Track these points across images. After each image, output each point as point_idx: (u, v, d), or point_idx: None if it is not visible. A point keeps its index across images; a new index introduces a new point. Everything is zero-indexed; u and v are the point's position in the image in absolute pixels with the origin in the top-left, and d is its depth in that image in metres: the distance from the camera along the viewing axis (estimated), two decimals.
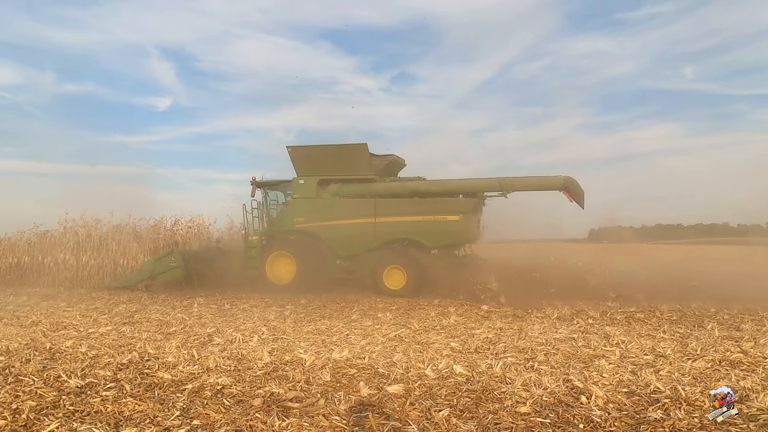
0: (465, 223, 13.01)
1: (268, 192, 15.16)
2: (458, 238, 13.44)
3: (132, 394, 4.81)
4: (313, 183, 13.98)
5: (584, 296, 11.50)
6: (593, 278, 13.12)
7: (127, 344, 7.02)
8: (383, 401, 4.63)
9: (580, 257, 16.86)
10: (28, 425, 4.07)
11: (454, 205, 13.14)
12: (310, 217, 14.01)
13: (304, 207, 14.13)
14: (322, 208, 13.96)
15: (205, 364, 5.93)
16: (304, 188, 14.12)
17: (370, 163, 13.84)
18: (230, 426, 4.04)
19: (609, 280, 13.01)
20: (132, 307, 10.48)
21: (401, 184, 14.05)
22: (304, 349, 6.65)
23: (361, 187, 13.91)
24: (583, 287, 12.31)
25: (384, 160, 14.51)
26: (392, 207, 13.44)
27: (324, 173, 14.04)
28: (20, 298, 11.86)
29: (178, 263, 14.53)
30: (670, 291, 11.62)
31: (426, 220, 13.11)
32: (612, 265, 15.11)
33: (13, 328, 8.22)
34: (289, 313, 9.68)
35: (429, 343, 7.06)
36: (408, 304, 10.96)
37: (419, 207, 13.25)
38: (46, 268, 17.32)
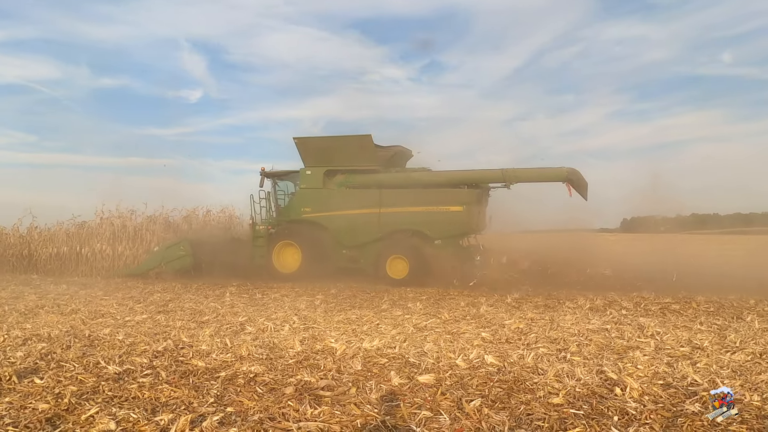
0: (468, 214, 13.10)
1: (277, 182, 15.35)
2: (461, 229, 13.52)
3: (167, 381, 4.91)
4: (319, 174, 14.21)
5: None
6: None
7: (162, 332, 7.17)
8: (414, 391, 4.64)
9: (593, 247, 16.66)
10: (69, 409, 4.19)
11: (457, 196, 13.21)
12: (317, 207, 14.25)
13: (311, 197, 14.36)
14: (328, 198, 14.16)
15: (237, 352, 6.02)
16: (310, 179, 14.34)
17: (375, 154, 13.93)
18: (263, 413, 4.10)
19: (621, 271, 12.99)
20: (166, 296, 10.69)
21: (406, 175, 14.29)
22: (334, 338, 6.70)
23: (366, 178, 14.07)
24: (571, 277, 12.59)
25: (389, 151, 14.63)
26: (396, 198, 13.58)
27: (330, 164, 14.22)
28: (60, 287, 12.20)
29: (186, 252, 15.10)
30: (701, 282, 11.41)
31: (429, 211, 13.25)
32: (625, 253, 14.97)
33: (54, 315, 8.46)
34: (319, 303, 9.75)
35: (459, 332, 7.03)
36: (438, 293, 10.94)
37: (423, 198, 13.38)
38: (83, 257, 17.78)
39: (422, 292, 11.12)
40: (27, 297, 10.48)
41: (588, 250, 15.58)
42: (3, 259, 18.52)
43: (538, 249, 15.13)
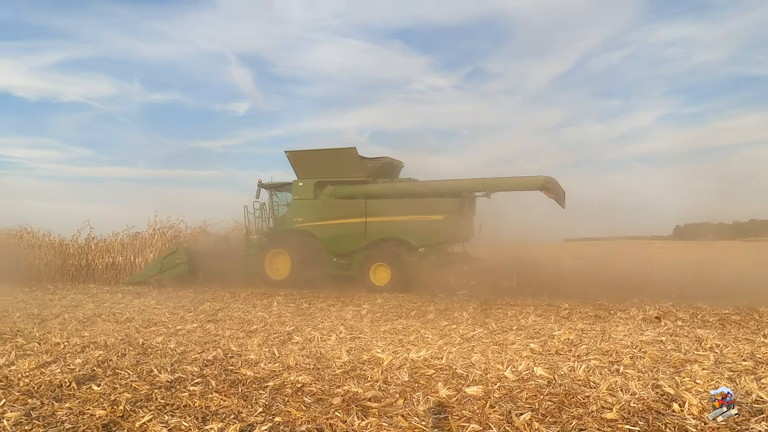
0: (449, 222, 13.54)
1: (276, 193, 16.19)
2: (443, 237, 13.91)
3: (217, 390, 4.99)
4: (310, 185, 14.94)
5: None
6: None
7: (211, 341, 7.30)
8: (462, 403, 4.57)
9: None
10: (125, 416, 4.31)
11: (438, 205, 13.66)
12: (308, 217, 14.97)
13: (303, 207, 15.09)
14: (319, 208, 14.89)
15: (285, 362, 6.07)
16: (302, 190, 15.10)
17: (361, 166, 14.54)
18: (311, 424, 4.11)
19: (649, 279, 12.65)
20: (216, 305, 10.90)
21: (391, 185, 14.79)
22: (381, 349, 6.68)
23: (353, 189, 14.66)
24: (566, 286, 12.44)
25: (376, 162, 15.22)
26: (382, 207, 14.19)
27: (320, 176, 14.93)
28: (115, 296, 12.62)
29: (182, 260, 16.04)
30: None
31: (412, 220, 13.79)
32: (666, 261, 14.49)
33: (110, 324, 8.74)
34: (365, 313, 9.76)
35: (507, 343, 6.91)
36: (484, 303, 10.79)
37: (406, 207, 13.98)
38: (137, 267, 18.39)
39: (468, 302, 10.99)
40: (85, 306, 10.87)
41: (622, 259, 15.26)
42: (64, 269, 19.36)
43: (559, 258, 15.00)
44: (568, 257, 14.67)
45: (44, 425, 4.11)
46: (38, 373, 5.57)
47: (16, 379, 5.39)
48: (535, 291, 12.15)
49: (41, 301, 11.69)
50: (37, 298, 12.11)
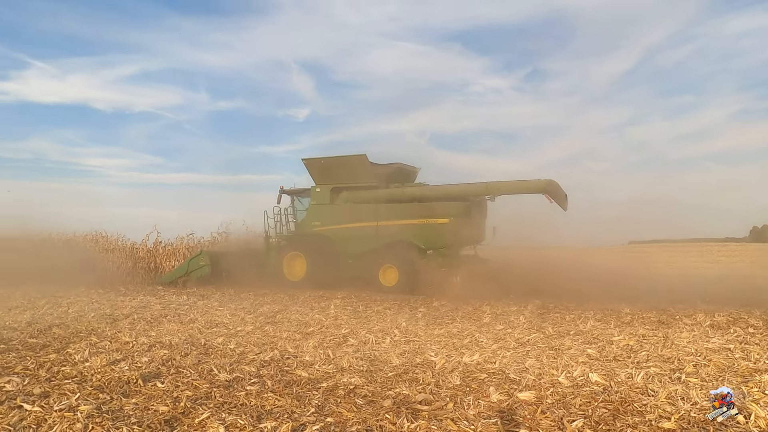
0: (455, 225, 13.97)
1: (299, 199, 16.99)
2: (449, 240, 14.26)
3: (273, 390, 5.14)
4: (326, 191, 15.73)
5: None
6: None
7: (269, 342, 7.51)
8: (513, 408, 4.53)
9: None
10: (185, 413, 4.51)
11: (444, 209, 14.15)
12: (325, 221, 15.76)
13: (320, 212, 15.91)
14: (334, 213, 15.66)
15: (339, 363, 6.18)
16: (319, 195, 15.89)
17: (372, 172, 15.19)
18: (361, 425, 4.18)
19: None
20: (275, 307, 11.18)
21: (401, 190, 15.34)
22: (434, 352, 6.69)
23: (366, 194, 15.33)
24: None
25: (388, 168, 15.83)
26: (392, 211, 14.83)
27: (335, 182, 15.67)
28: (181, 298, 13.12)
29: (206, 262, 16.88)
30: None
31: (420, 223, 14.36)
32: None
33: (175, 324, 9.12)
34: (421, 316, 9.78)
35: (563, 348, 6.78)
36: (542, 307, 10.60)
37: (414, 211, 14.58)
38: None
39: (525, 305, 10.82)
40: (153, 307, 11.38)
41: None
42: (134, 272, 20.31)
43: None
44: (624, 260, 14.18)
45: (113, 419, 4.35)
46: (109, 370, 5.89)
47: (90, 374, 5.73)
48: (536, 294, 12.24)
49: (113, 302, 12.31)
50: (110, 299, 12.75)
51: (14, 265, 17.63)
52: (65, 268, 18.74)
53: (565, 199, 13.56)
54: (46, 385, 5.34)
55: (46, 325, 9.03)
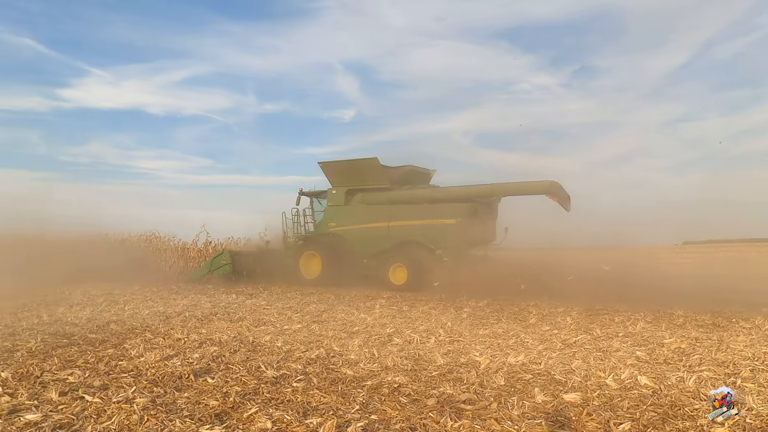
0: (462, 226, 14.44)
1: (314, 200, 17.81)
2: (456, 240, 14.62)
3: (318, 387, 5.23)
4: (342, 192, 16.42)
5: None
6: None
7: (315, 341, 7.64)
8: (558, 409, 4.48)
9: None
10: (234, 407, 4.65)
11: (451, 210, 14.68)
12: (340, 221, 16.51)
13: (336, 213, 16.66)
14: (349, 214, 16.34)
15: (384, 362, 6.24)
16: (335, 197, 16.63)
17: (383, 174, 15.83)
18: (405, 423, 4.22)
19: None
20: (321, 307, 11.34)
21: (411, 192, 15.93)
22: (479, 352, 6.68)
23: (378, 196, 16.01)
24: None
25: (399, 171, 16.43)
26: (402, 212, 15.46)
27: (350, 184, 16.37)
28: (230, 296, 13.46)
29: (227, 261, 17.82)
30: None
31: (429, 224, 14.90)
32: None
33: (224, 322, 9.37)
34: (466, 316, 9.75)
35: (611, 350, 6.65)
36: (589, 309, 10.41)
37: (424, 212, 15.13)
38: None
39: (572, 306, 10.64)
40: (203, 305, 11.72)
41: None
42: (186, 271, 20.97)
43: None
44: (679, 260, 13.75)
45: (166, 411, 4.53)
46: (162, 365, 6.12)
47: (144, 369, 5.96)
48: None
49: (166, 300, 12.73)
50: (163, 298, 13.19)
51: (75, 264, 18.46)
52: (121, 267, 19.51)
53: (569, 200, 13.92)
54: (104, 378, 5.60)
55: (104, 321, 9.44)
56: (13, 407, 4.60)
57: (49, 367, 6.03)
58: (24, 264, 18.38)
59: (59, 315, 10.21)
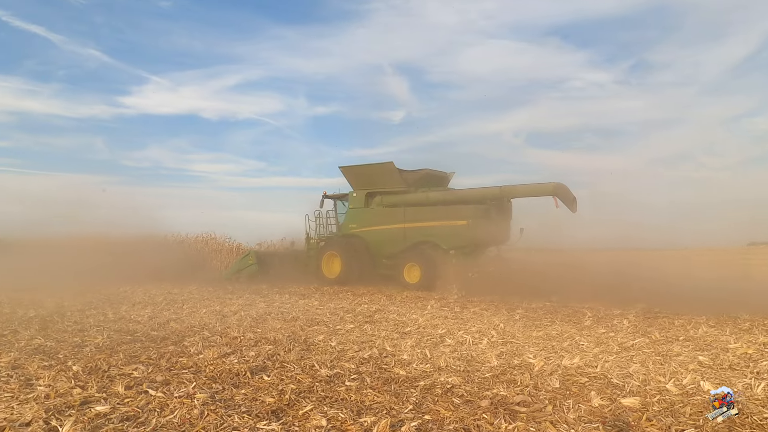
0: (473, 227, 14.91)
1: (338, 203, 18.54)
2: (467, 240, 15.22)
3: (371, 387, 5.28)
4: (362, 195, 17.14)
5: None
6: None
7: (368, 341, 7.70)
8: (616, 414, 4.38)
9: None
10: (290, 404, 4.75)
11: (462, 212, 15.22)
12: (360, 223, 17.23)
13: (356, 215, 17.37)
14: (368, 216, 17.07)
15: (436, 363, 6.24)
16: (356, 200, 17.35)
17: (400, 178, 16.48)
18: (458, 424, 4.22)
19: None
20: (372, 307, 11.42)
21: (425, 194, 16.45)
22: (533, 354, 6.59)
23: (395, 198, 16.62)
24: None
25: (415, 174, 17.02)
26: (417, 214, 16.05)
27: (369, 187, 17.04)
28: (283, 297, 13.71)
29: (253, 261, 18.69)
30: None
31: (441, 225, 15.43)
32: None
33: (278, 322, 9.56)
34: (518, 318, 9.63)
35: (672, 355, 6.44)
36: (647, 311, 10.09)
37: (437, 214, 15.67)
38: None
39: (629, 309, 10.34)
40: (258, 305, 11.98)
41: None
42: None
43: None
44: (743, 262, 13.16)
45: (225, 407, 4.67)
46: (220, 362, 6.31)
47: (203, 365, 6.16)
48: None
49: (222, 299, 13.09)
50: (219, 297, 13.57)
51: (136, 265, 19.22)
52: (179, 268, 20.18)
53: (574, 202, 14.27)
54: (166, 373, 5.81)
55: (165, 319, 9.79)
56: (85, 399, 4.85)
57: (116, 362, 6.31)
58: (90, 264, 19.28)
59: (123, 313, 10.66)
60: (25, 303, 11.94)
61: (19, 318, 9.87)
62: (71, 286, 15.48)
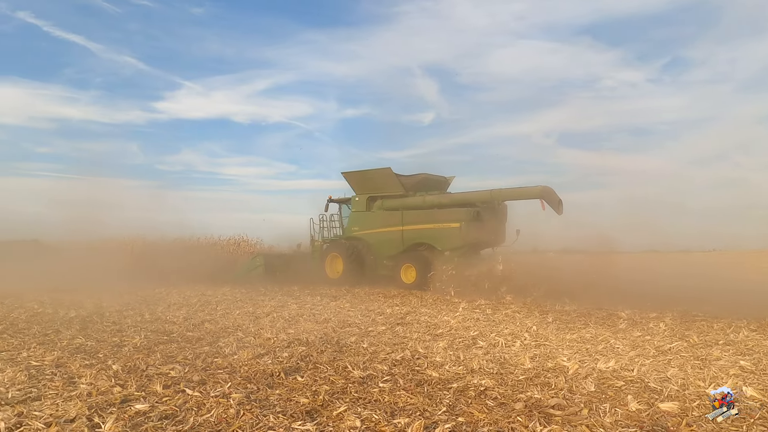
0: (466, 229, 15.53)
1: (342, 206, 19.30)
2: (460, 242, 15.70)
3: (404, 388, 5.30)
4: (363, 199, 17.95)
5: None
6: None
7: (400, 343, 7.72)
8: (654, 418, 4.31)
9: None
10: (324, 405, 4.79)
11: (455, 215, 15.86)
12: (362, 226, 18.04)
13: (358, 218, 18.18)
14: (369, 219, 17.85)
15: (469, 365, 6.22)
16: (358, 204, 18.17)
17: (397, 182, 17.18)
18: (492, 426, 4.20)
19: None
20: (404, 309, 11.43)
21: (421, 198, 17.12)
22: (567, 357, 6.52)
23: (394, 202, 17.39)
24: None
25: (413, 179, 17.68)
26: (414, 217, 16.74)
27: (370, 192, 17.83)
28: (315, 299, 13.81)
29: (261, 263, 19.62)
30: None
31: (436, 228, 16.13)
32: None
33: (311, 323, 9.64)
34: (551, 320, 9.52)
35: (711, 359, 6.30)
36: (684, 314, 9.88)
37: (432, 217, 16.33)
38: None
39: (665, 312, 10.13)
40: (290, 306, 12.10)
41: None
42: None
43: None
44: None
45: (260, 407, 4.74)
46: (254, 363, 6.40)
47: (238, 366, 6.26)
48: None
49: (255, 301, 13.25)
50: (252, 299, 13.73)
51: (171, 266, 19.61)
52: (212, 269, 20.50)
53: (560, 204, 14.78)
54: (202, 373, 5.92)
55: (199, 320, 9.96)
56: (125, 397, 4.97)
57: (153, 362, 6.46)
58: (126, 265, 19.74)
59: (159, 314, 10.88)
60: (66, 303, 12.29)
61: (61, 318, 10.17)
62: (109, 287, 15.87)
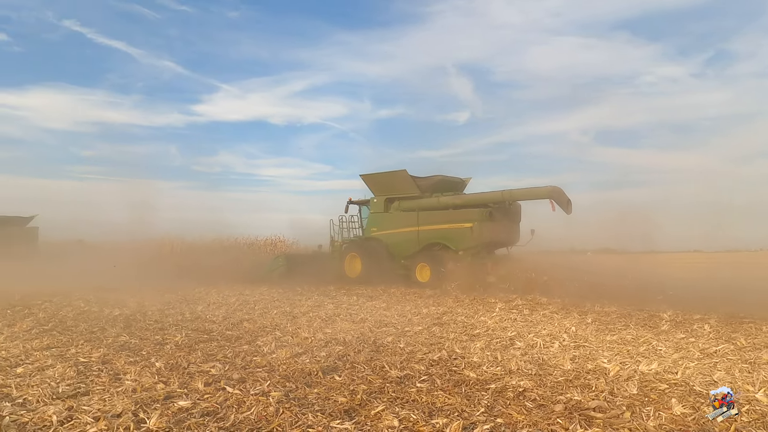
0: (478, 229, 16.14)
1: (362, 207, 20.04)
2: (473, 242, 16.27)
3: (442, 388, 5.28)
4: (382, 201, 18.69)
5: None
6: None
7: (437, 343, 7.70)
8: (700, 423, 4.19)
9: None
10: (362, 404, 4.82)
11: (467, 215, 16.45)
12: (380, 227, 18.73)
13: (376, 219, 18.89)
14: (387, 219, 18.56)
15: (507, 366, 6.17)
16: (377, 205, 18.91)
17: (413, 184, 17.85)
18: (532, 428, 4.15)
19: None
20: (440, 309, 11.39)
21: (436, 199, 17.71)
22: (607, 359, 6.40)
23: (410, 203, 18.06)
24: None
25: (429, 180, 18.24)
26: (429, 217, 17.37)
27: (388, 193, 18.52)
28: (351, 298, 13.89)
29: (283, 263, 20.57)
30: None
31: (450, 228, 16.72)
32: None
33: (347, 323, 9.70)
34: (591, 321, 9.36)
35: (761, 362, 6.10)
36: (731, 316, 9.58)
37: (446, 217, 16.92)
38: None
39: (709, 314, 9.85)
40: (326, 306, 12.20)
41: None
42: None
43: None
44: None
45: (299, 405, 4.79)
46: (292, 362, 6.47)
47: (277, 365, 6.34)
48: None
49: (292, 300, 13.40)
50: (289, 299, 13.89)
51: (210, 266, 20.02)
52: (250, 269, 20.83)
53: (569, 204, 15.10)
54: (242, 371, 6.02)
55: (238, 319, 10.13)
56: (168, 394, 5.09)
57: (194, 360, 6.60)
58: (166, 265, 20.21)
59: (199, 313, 11.11)
60: (111, 302, 12.65)
61: (106, 316, 10.48)
62: (150, 286, 16.27)
